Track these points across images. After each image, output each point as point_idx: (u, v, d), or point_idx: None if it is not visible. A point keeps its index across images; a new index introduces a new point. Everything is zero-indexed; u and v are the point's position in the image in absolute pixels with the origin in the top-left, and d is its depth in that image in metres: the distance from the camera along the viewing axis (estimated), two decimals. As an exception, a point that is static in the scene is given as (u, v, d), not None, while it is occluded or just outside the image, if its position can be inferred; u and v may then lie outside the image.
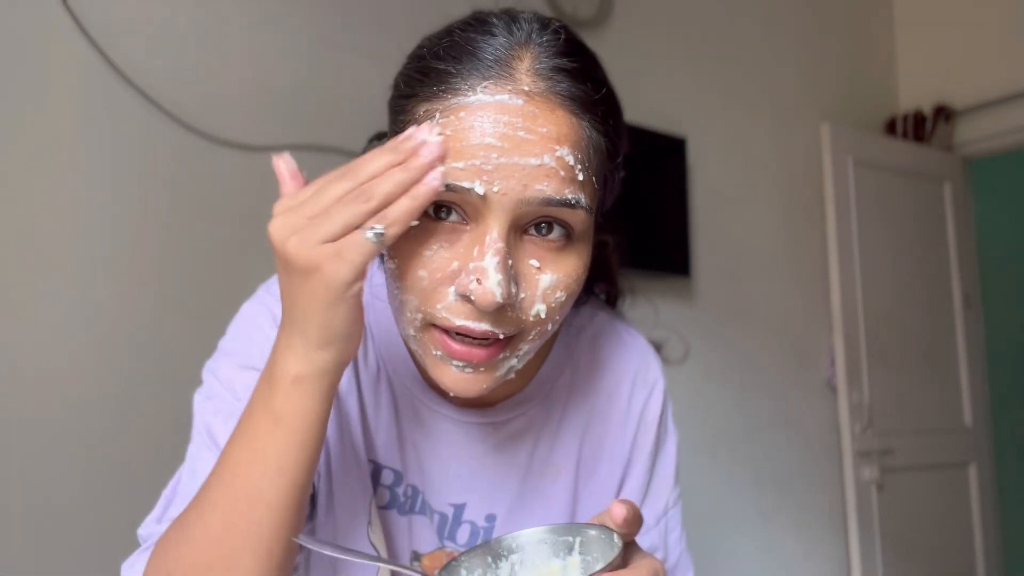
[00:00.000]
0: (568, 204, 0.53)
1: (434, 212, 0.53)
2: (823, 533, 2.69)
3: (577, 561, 0.52)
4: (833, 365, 2.76)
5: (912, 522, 2.80)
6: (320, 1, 1.85)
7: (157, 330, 1.57)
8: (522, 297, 0.54)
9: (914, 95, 3.22)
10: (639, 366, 0.77)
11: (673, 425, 0.80)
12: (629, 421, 0.75)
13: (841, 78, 3.05)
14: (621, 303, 0.83)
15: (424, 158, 0.50)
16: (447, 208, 0.53)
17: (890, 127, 3.17)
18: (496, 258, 0.51)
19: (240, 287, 0.75)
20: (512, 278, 0.53)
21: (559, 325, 0.61)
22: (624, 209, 0.73)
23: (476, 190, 0.51)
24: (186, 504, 0.58)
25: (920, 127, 3.11)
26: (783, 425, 2.66)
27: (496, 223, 0.52)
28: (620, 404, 0.75)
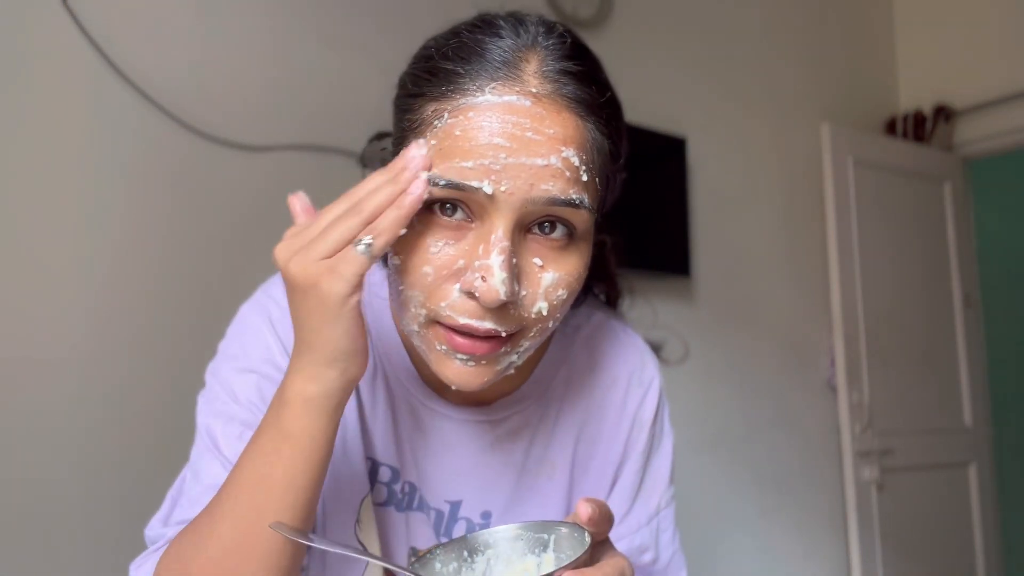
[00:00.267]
0: (572, 204, 0.54)
1: (440, 209, 0.54)
2: (823, 533, 2.69)
3: (551, 558, 0.53)
4: (833, 365, 2.76)
5: (912, 522, 2.80)
6: (320, 1, 1.85)
7: (157, 329, 1.58)
8: (524, 295, 0.55)
9: (914, 95, 3.22)
10: (635, 365, 0.77)
11: (669, 426, 0.80)
12: (624, 420, 0.76)
13: (841, 78, 3.05)
14: (620, 303, 0.83)
15: (409, 171, 0.52)
16: (452, 205, 0.54)
17: (890, 127, 3.17)
18: (501, 256, 0.52)
19: (240, 287, 0.76)
20: (515, 276, 0.54)
21: (558, 323, 0.62)
22: (624, 209, 0.73)
23: (484, 189, 0.52)
24: (191, 507, 0.60)
25: (920, 127, 3.11)
26: (783, 425, 2.66)
27: (502, 221, 0.53)
28: (615, 403, 0.76)
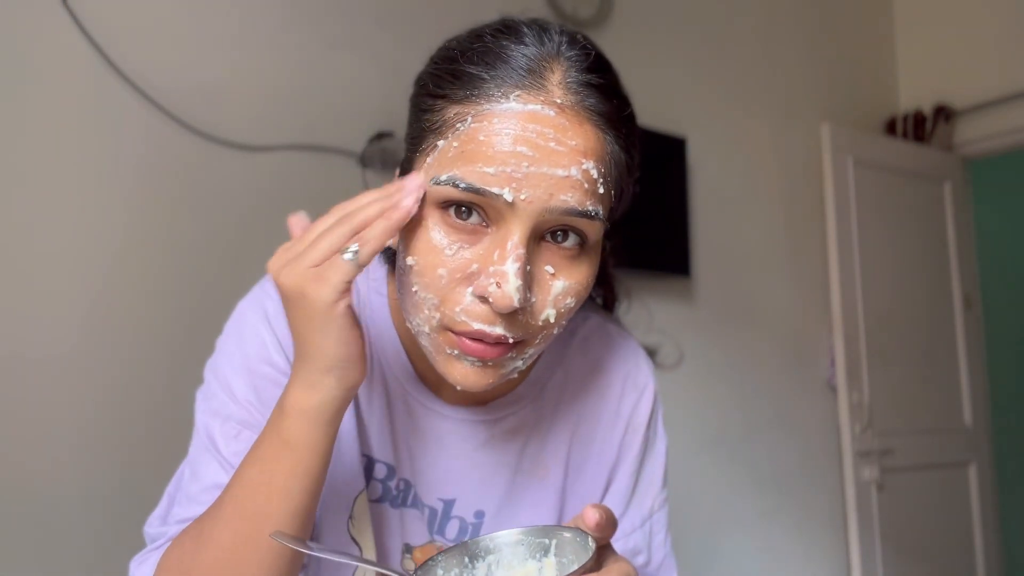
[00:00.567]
0: (588, 216, 0.55)
1: (455, 212, 0.55)
2: (823, 533, 2.69)
3: (552, 563, 0.53)
4: (833, 365, 2.76)
5: (912, 522, 2.80)
6: (320, 1, 1.85)
7: (156, 328, 1.58)
8: (534, 301, 0.56)
9: (914, 95, 3.22)
10: (630, 369, 0.78)
11: (663, 429, 0.80)
12: (618, 423, 0.76)
13: (841, 78, 3.05)
14: (617, 307, 0.83)
15: (403, 192, 0.54)
16: (468, 209, 0.55)
17: (890, 127, 3.17)
18: (517, 264, 0.53)
19: (239, 286, 0.76)
20: (528, 283, 0.55)
21: (562, 329, 0.63)
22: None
23: (505, 196, 0.52)
24: (190, 505, 0.62)
25: (920, 127, 3.11)
26: (783, 425, 2.66)
27: (518, 229, 0.53)
28: (610, 406, 0.76)
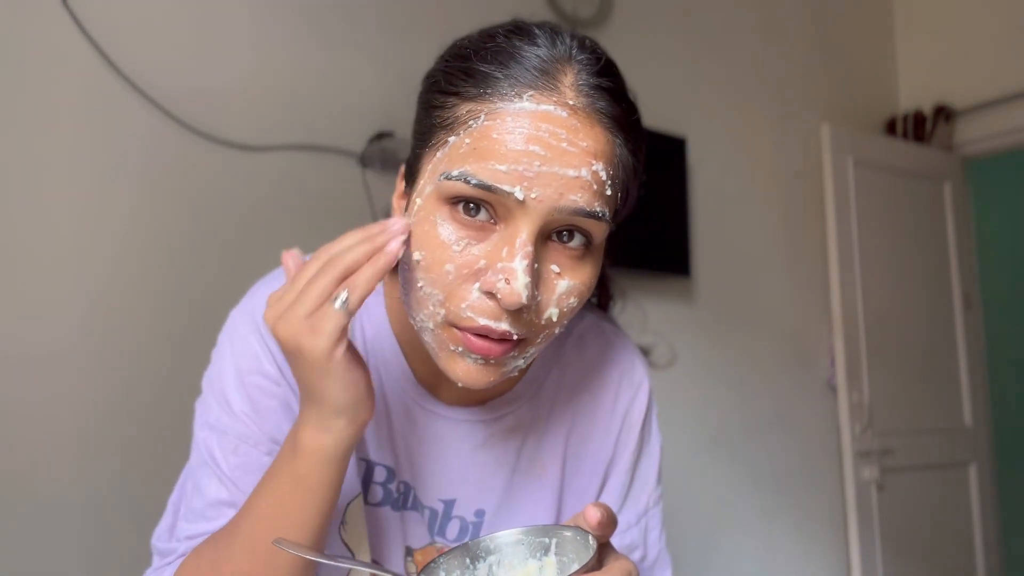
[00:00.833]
0: (595, 216, 0.56)
1: (464, 209, 0.55)
2: (823, 533, 2.69)
3: (553, 562, 0.53)
4: (833, 365, 2.77)
5: (912, 522, 2.80)
6: (320, 2, 1.85)
7: (156, 328, 1.58)
8: (539, 300, 0.56)
9: (914, 95, 3.22)
10: (625, 367, 0.78)
11: (657, 428, 0.81)
12: (614, 421, 0.77)
13: (841, 78, 3.05)
14: (612, 306, 0.84)
15: (386, 235, 0.55)
16: (476, 205, 0.55)
17: (890, 127, 3.17)
18: (525, 261, 0.53)
19: (239, 286, 0.76)
20: (535, 281, 0.55)
21: (563, 329, 0.63)
22: (624, 209, 0.73)
23: (516, 195, 0.53)
24: (196, 521, 0.64)
25: (920, 127, 3.11)
26: (783, 425, 2.66)
27: (527, 227, 0.54)
28: (606, 404, 0.77)
